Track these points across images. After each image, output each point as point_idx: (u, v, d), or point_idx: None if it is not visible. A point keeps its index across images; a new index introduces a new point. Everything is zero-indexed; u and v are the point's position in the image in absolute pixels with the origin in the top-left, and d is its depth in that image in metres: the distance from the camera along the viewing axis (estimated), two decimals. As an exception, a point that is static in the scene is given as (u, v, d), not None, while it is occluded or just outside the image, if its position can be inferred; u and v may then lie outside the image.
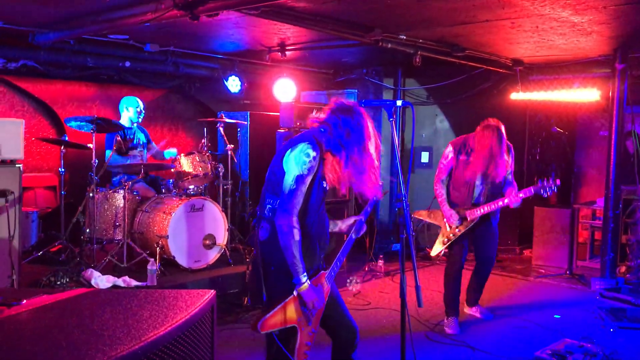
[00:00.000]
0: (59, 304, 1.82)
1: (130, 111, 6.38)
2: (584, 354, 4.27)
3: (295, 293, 2.75)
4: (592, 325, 5.15)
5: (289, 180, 2.74)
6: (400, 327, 2.81)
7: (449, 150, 4.99)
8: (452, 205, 4.97)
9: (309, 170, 2.73)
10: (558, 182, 4.76)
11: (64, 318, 1.69)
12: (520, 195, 4.74)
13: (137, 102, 6.44)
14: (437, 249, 5.07)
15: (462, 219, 4.92)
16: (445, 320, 5.01)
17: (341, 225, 3.19)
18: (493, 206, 4.82)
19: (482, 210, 4.84)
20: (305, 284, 2.73)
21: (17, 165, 4.57)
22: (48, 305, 1.79)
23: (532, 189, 4.77)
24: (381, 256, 7.10)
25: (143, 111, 6.51)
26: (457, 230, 4.94)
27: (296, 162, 2.74)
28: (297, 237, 2.70)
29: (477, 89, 7.80)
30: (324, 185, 2.87)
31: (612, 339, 4.80)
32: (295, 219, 2.71)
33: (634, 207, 6.70)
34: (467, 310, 5.34)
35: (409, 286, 2.78)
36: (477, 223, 4.92)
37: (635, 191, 6.60)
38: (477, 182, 4.89)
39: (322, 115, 2.91)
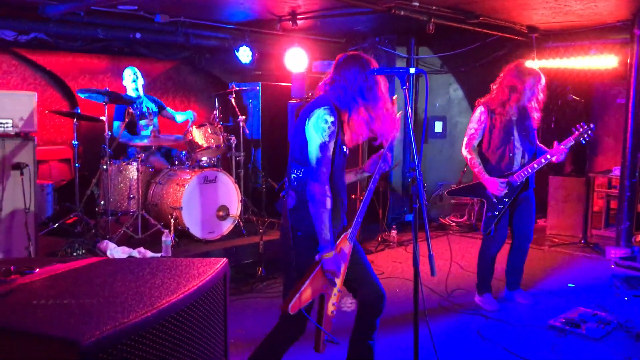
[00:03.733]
0: (71, 273, 1.83)
1: (127, 79, 6.40)
2: (598, 322, 4.27)
3: (317, 257, 2.75)
4: (606, 294, 5.12)
5: (313, 149, 2.73)
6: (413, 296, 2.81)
7: (481, 111, 4.54)
8: (492, 174, 4.54)
9: (330, 136, 2.72)
10: (592, 126, 4.47)
11: (76, 286, 1.70)
12: (562, 146, 4.43)
13: (132, 70, 6.43)
14: (489, 225, 4.61)
15: (508, 184, 4.51)
16: (480, 298, 4.82)
17: (364, 169, 3.11)
18: (536, 165, 4.46)
19: (528, 171, 4.47)
20: (331, 252, 2.73)
21: (31, 138, 4.59)
22: (61, 274, 1.81)
23: (572, 139, 4.47)
24: (394, 226, 7.09)
25: (140, 78, 6.49)
26: (505, 199, 4.54)
27: (316, 130, 2.72)
28: (329, 205, 2.70)
29: (491, 57, 7.67)
30: (345, 150, 2.86)
31: (626, 307, 4.78)
32: (327, 187, 2.72)
33: (651, 175, 6.61)
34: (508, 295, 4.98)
35: (422, 256, 2.77)
36: (519, 191, 4.56)
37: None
38: (516, 143, 4.52)
39: (329, 77, 2.91)
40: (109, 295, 1.62)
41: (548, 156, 4.46)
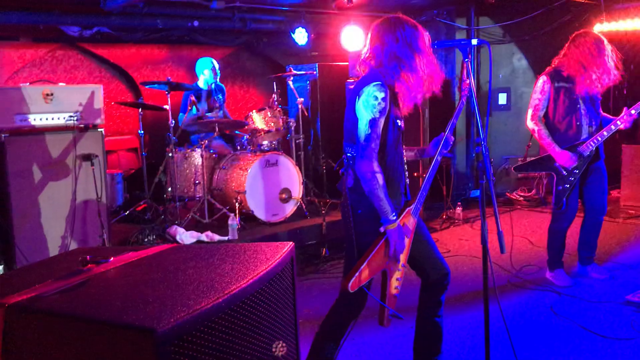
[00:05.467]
0: (144, 260, 1.88)
1: (206, 74, 6.52)
2: (681, 297, 4.06)
3: (381, 229, 2.73)
4: (689, 267, 4.88)
5: (362, 126, 2.70)
6: (482, 273, 2.75)
7: (543, 81, 4.42)
8: (561, 144, 4.38)
9: (381, 112, 2.68)
10: None
11: (149, 274, 1.74)
12: (632, 111, 4.21)
13: (211, 62, 6.54)
14: (560, 199, 4.45)
15: (578, 155, 4.37)
16: (551, 274, 4.67)
17: (426, 150, 3.12)
18: (606, 133, 4.29)
19: (597, 139, 4.31)
20: (394, 223, 2.71)
21: (99, 130, 4.75)
22: (134, 262, 1.85)
23: None
24: (459, 203, 6.95)
25: (218, 71, 6.61)
26: (575, 171, 4.39)
27: (365, 107, 2.69)
28: (380, 181, 2.67)
29: (556, 23, 7.35)
30: (399, 124, 2.81)
31: None
32: (375, 163, 2.69)
33: None
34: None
35: (490, 232, 2.70)
36: (589, 162, 4.42)
37: None
38: (583, 111, 4.35)
39: (367, 52, 2.87)
40: (181, 282, 1.66)
41: (618, 122, 4.27)
